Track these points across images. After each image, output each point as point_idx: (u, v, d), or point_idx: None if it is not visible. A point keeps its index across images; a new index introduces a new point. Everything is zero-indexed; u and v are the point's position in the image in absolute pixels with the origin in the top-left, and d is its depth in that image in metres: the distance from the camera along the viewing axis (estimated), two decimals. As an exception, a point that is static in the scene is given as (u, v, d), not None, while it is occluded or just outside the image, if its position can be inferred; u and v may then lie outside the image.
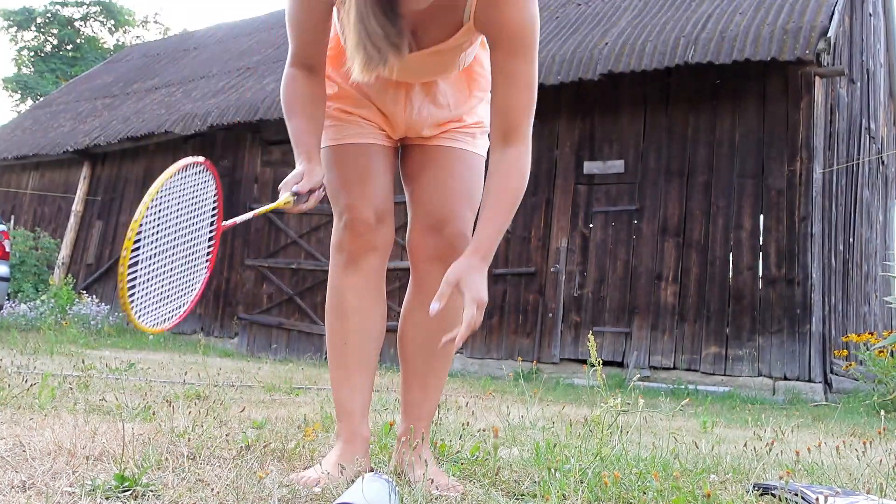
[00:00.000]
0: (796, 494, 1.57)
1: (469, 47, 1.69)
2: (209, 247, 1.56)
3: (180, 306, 1.48)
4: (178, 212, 1.49)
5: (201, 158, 1.53)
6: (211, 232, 1.56)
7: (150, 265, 1.42)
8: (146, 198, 1.40)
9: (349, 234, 1.72)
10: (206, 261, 1.55)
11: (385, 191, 1.78)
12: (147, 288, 1.41)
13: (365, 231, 1.72)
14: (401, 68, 1.68)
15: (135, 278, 1.38)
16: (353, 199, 1.72)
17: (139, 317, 1.38)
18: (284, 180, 1.59)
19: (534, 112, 1.65)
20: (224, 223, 1.55)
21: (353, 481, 1.58)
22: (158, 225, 1.43)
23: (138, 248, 1.39)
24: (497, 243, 1.57)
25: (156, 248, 1.44)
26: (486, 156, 1.79)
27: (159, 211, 1.44)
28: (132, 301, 1.36)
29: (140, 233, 1.35)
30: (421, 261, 1.75)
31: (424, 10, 1.56)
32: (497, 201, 1.59)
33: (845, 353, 6.94)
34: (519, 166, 1.64)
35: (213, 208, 1.56)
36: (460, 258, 1.53)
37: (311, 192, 1.56)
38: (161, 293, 1.44)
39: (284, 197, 1.54)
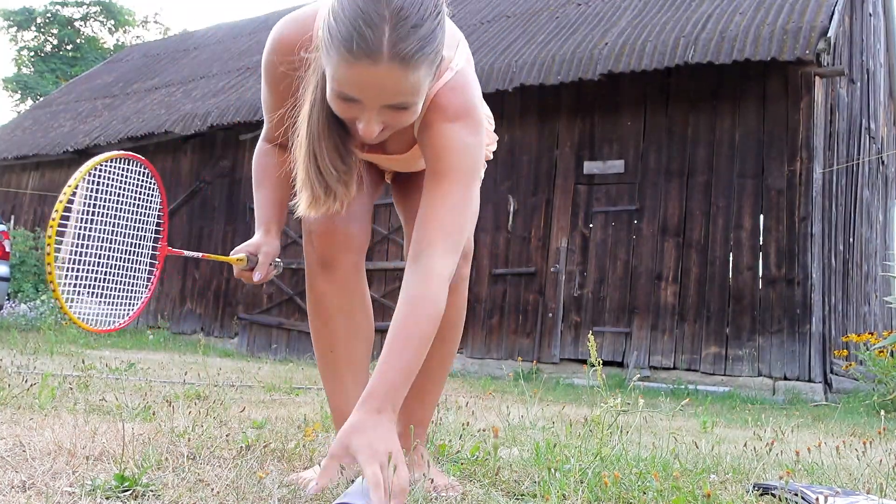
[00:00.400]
0: (796, 494, 1.57)
1: None
2: (151, 268, 1.54)
3: (113, 316, 1.46)
4: (114, 209, 1.47)
5: (141, 157, 1.52)
6: (154, 251, 1.54)
7: (80, 257, 1.40)
8: (77, 175, 1.37)
9: (316, 234, 1.65)
10: (147, 281, 1.54)
11: (356, 186, 1.74)
12: (76, 280, 1.39)
13: (331, 229, 1.64)
14: (365, 162, 1.73)
15: (67, 267, 1.36)
16: (326, 214, 1.64)
17: (70, 306, 1.36)
18: (236, 248, 1.61)
19: (457, 250, 1.45)
20: (170, 249, 1.56)
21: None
22: (89, 216, 1.41)
23: (66, 224, 1.37)
24: (402, 389, 1.34)
25: (87, 239, 1.41)
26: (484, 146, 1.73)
27: (92, 199, 1.41)
28: (63, 288, 1.34)
29: (69, 209, 1.33)
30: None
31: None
32: (400, 338, 1.36)
33: (845, 353, 6.94)
34: (430, 291, 1.39)
35: (158, 224, 1.55)
36: (349, 418, 1.32)
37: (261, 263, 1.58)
38: (91, 291, 1.41)
39: (238, 255, 1.58)
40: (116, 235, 1.47)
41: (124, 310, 1.55)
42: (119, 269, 1.50)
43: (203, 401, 2.83)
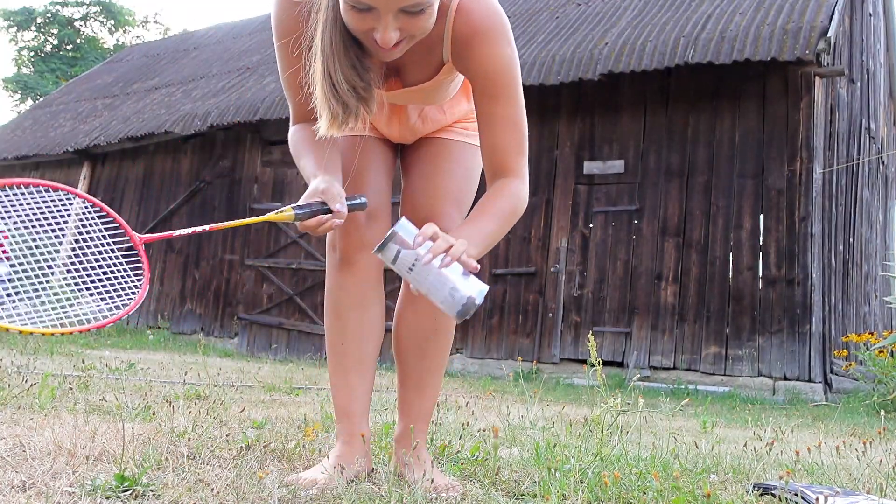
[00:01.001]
0: (796, 494, 1.57)
1: (455, 80, 1.67)
2: (129, 261, 1.45)
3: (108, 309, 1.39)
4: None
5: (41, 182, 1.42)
6: (119, 245, 1.46)
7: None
8: None
9: (340, 231, 1.67)
10: (136, 279, 1.44)
11: (378, 185, 1.74)
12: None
13: (354, 229, 1.67)
14: (388, 103, 1.69)
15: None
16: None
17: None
18: (304, 194, 1.52)
19: (525, 149, 1.58)
20: (147, 237, 1.46)
21: (352, 481, 1.58)
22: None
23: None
24: (487, 247, 1.49)
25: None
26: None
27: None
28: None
29: None
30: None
31: (402, 60, 1.54)
32: (496, 209, 1.52)
33: (845, 353, 6.94)
34: (512, 193, 1.56)
35: (103, 226, 1.46)
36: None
37: (318, 213, 1.51)
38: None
39: (280, 211, 1.50)
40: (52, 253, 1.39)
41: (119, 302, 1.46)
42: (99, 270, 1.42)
43: (203, 401, 2.83)
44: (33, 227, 1.39)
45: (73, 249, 1.41)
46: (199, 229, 1.50)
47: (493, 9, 1.52)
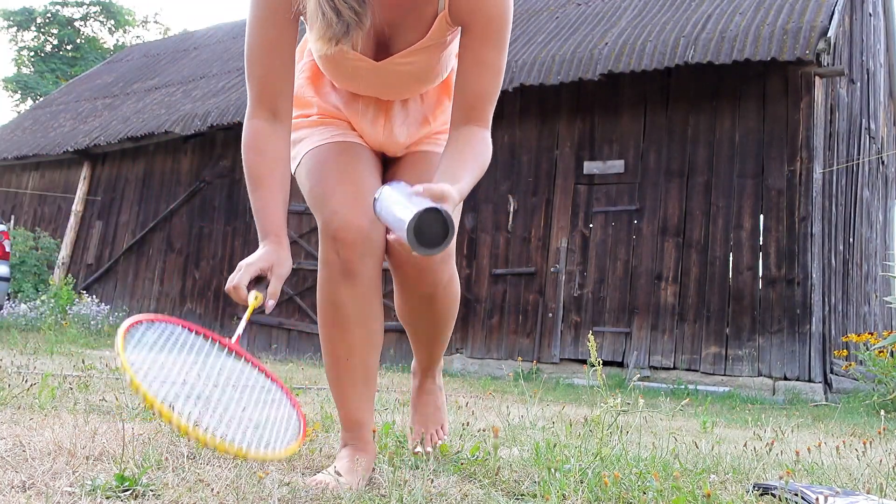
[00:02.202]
0: (796, 494, 1.57)
1: (444, 50, 1.64)
2: (242, 361, 1.35)
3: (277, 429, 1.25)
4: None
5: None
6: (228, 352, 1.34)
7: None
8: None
9: (342, 242, 1.57)
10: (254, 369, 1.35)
11: (372, 186, 1.65)
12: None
13: (357, 237, 1.57)
14: (378, 81, 1.64)
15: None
16: (341, 203, 1.58)
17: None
18: (247, 262, 1.43)
19: (494, 101, 1.57)
20: (232, 340, 1.35)
21: (363, 483, 1.58)
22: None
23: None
24: (466, 192, 1.43)
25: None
26: None
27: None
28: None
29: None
30: (399, 265, 1.68)
31: (396, 4, 1.52)
32: (467, 160, 1.47)
33: (845, 353, 6.94)
34: (484, 142, 1.54)
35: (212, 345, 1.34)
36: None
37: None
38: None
39: (255, 298, 1.40)
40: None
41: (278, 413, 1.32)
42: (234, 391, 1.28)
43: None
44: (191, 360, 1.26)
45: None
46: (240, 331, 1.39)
47: None
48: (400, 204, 1.26)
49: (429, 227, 1.23)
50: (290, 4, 1.50)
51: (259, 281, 1.45)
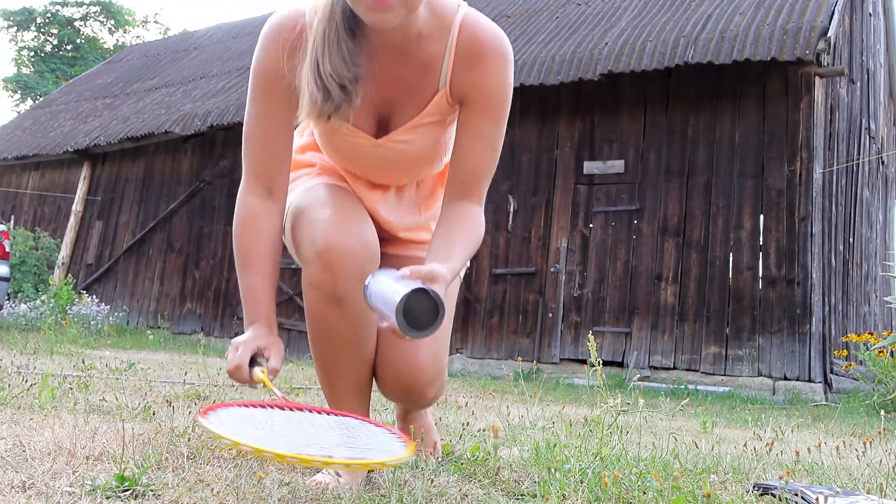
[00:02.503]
0: (796, 494, 1.57)
1: (445, 132, 1.60)
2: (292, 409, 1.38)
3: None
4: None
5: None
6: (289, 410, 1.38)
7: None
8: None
9: (329, 266, 1.46)
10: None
11: (373, 234, 1.55)
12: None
13: (349, 262, 1.46)
14: (377, 160, 1.60)
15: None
16: (339, 234, 1.47)
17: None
18: (242, 341, 1.40)
19: (490, 177, 1.56)
20: (284, 399, 1.38)
21: (363, 483, 1.58)
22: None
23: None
24: (456, 273, 1.40)
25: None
26: None
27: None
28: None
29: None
30: (384, 387, 1.62)
31: (396, 80, 1.49)
32: (458, 238, 1.45)
33: (845, 353, 6.94)
34: (477, 220, 1.52)
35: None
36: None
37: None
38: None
39: (262, 373, 1.38)
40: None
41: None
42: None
43: (203, 401, 2.83)
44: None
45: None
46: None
47: (498, 29, 1.51)
48: (389, 288, 1.24)
49: (419, 309, 1.20)
50: (287, 80, 1.48)
51: (253, 360, 1.43)
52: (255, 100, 1.53)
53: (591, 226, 7.91)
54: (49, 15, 28.19)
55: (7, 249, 7.60)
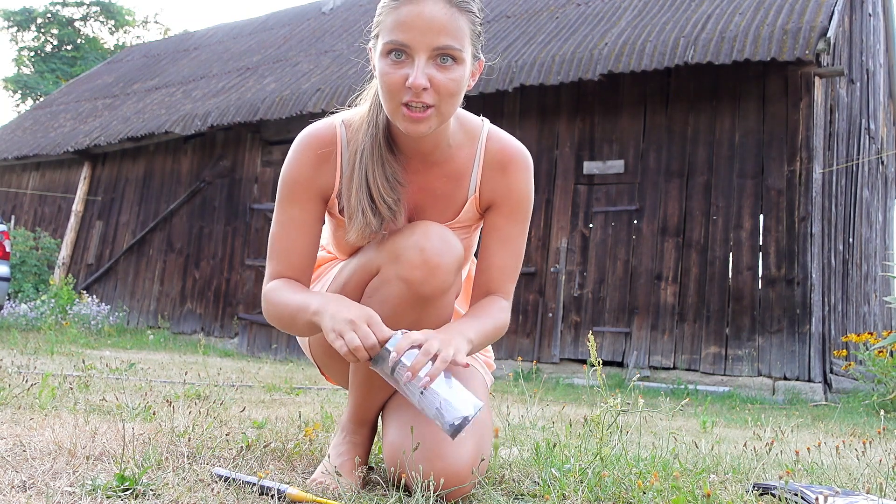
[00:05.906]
0: (796, 494, 1.57)
1: (470, 236, 1.66)
2: None
3: None
4: None
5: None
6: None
7: None
8: None
9: (433, 269, 1.46)
10: None
11: None
12: None
13: (448, 271, 1.48)
14: None
15: None
16: (440, 243, 1.50)
17: None
18: (369, 315, 1.37)
19: (516, 275, 1.64)
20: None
21: (361, 481, 1.58)
22: None
23: None
24: (479, 347, 1.48)
25: None
26: None
27: None
28: None
29: None
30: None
31: (425, 188, 1.56)
32: (493, 316, 1.54)
33: (845, 353, 6.94)
34: (503, 309, 1.59)
35: None
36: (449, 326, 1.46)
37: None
38: None
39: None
40: None
41: None
42: None
43: (203, 401, 2.83)
44: None
45: None
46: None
47: (517, 141, 1.64)
48: (437, 391, 1.31)
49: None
50: (316, 188, 1.56)
51: None
52: (285, 206, 1.59)
53: (590, 226, 7.91)
54: (49, 15, 28.18)
55: (7, 249, 7.60)
